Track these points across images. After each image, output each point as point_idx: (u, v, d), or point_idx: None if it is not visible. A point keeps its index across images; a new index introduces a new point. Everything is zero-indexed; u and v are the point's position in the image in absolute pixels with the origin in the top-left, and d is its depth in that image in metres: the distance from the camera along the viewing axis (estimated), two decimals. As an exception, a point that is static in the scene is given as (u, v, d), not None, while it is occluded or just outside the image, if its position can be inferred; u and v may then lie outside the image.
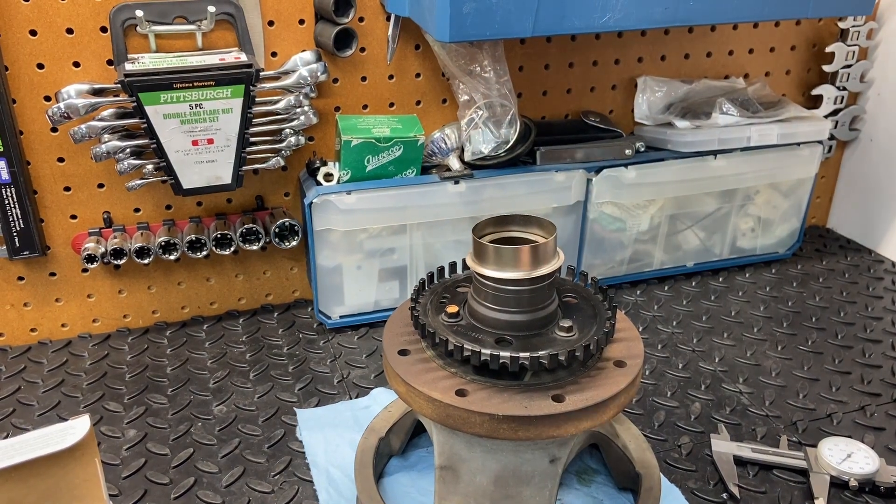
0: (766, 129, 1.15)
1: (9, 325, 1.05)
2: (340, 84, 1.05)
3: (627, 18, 0.87)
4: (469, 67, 1.02)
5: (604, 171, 1.10)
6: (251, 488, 0.79)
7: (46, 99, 0.94)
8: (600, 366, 0.65)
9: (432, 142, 1.06)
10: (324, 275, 1.05)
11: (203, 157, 0.94)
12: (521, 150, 1.05)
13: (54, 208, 1.00)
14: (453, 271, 0.76)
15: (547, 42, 1.12)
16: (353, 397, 0.94)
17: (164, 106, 0.89)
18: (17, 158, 0.94)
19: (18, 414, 0.92)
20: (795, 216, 1.27)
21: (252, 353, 1.04)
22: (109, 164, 0.99)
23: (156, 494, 0.79)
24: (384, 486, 0.79)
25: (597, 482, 0.80)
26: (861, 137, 1.34)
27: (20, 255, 0.99)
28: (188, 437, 0.87)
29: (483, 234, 0.67)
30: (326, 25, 0.99)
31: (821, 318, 1.12)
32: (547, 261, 0.64)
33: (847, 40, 1.24)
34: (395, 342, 0.69)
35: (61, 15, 0.91)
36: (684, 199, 1.17)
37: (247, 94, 0.91)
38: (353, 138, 0.98)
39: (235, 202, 1.08)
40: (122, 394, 0.95)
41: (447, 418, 0.62)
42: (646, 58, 1.18)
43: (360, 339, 1.07)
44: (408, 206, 1.02)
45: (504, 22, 0.83)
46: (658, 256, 1.22)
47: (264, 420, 0.90)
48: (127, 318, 1.10)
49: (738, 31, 1.21)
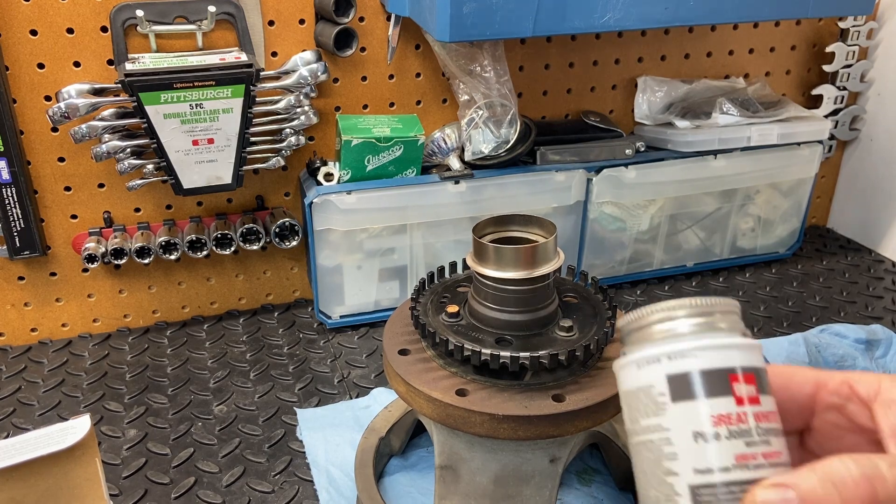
0: (766, 129, 1.15)
1: (9, 325, 1.05)
2: (340, 84, 1.05)
3: (628, 18, 0.87)
4: (469, 67, 1.02)
5: (604, 170, 1.10)
6: (251, 488, 0.79)
7: (47, 99, 0.95)
8: (600, 366, 0.65)
9: (432, 141, 1.06)
10: (324, 275, 1.05)
11: (203, 157, 0.94)
12: (522, 149, 1.05)
13: (55, 208, 1.00)
14: (453, 271, 0.76)
15: (547, 42, 1.12)
16: (353, 397, 0.94)
17: (165, 106, 0.89)
18: (17, 158, 0.94)
19: (19, 414, 0.92)
20: (795, 216, 1.27)
21: (252, 353, 1.04)
22: (110, 164, 0.99)
23: (156, 494, 0.79)
24: (384, 485, 0.79)
25: (597, 482, 0.80)
26: (861, 137, 1.34)
27: (21, 255, 0.99)
28: (188, 437, 0.87)
29: (483, 233, 0.67)
30: (327, 25, 0.99)
31: (821, 318, 1.12)
32: (547, 261, 0.64)
33: (847, 40, 1.24)
34: (395, 342, 0.69)
35: (62, 15, 0.91)
36: (684, 198, 1.17)
37: (247, 94, 0.91)
38: (353, 138, 0.98)
39: (236, 202, 1.08)
40: (122, 393, 0.95)
41: (447, 418, 0.62)
42: (646, 58, 1.18)
43: (361, 338, 1.07)
44: (408, 206, 1.02)
45: (504, 22, 0.83)
46: (658, 256, 1.22)
47: (264, 420, 0.90)
48: (127, 318, 1.10)
49: (739, 30, 1.21)
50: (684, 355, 0.38)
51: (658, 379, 0.39)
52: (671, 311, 0.40)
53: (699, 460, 0.37)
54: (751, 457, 0.36)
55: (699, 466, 0.37)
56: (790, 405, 0.41)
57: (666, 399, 0.38)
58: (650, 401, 0.39)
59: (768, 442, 0.37)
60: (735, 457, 0.36)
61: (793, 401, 0.42)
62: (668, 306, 0.40)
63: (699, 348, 0.38)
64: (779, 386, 0.41)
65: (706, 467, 0.37)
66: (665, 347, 0.39)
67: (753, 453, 0.36)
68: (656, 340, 0.40)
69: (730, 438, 0.37)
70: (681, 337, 0.39)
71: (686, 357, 0.38)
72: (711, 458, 0.37)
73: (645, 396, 0.39)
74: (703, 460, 0.37)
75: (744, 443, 0.37)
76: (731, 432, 0.37)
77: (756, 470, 0.36)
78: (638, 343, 0.41)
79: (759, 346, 0.40)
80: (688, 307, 0.40)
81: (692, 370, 0.38)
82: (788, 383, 0.42)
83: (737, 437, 0.37)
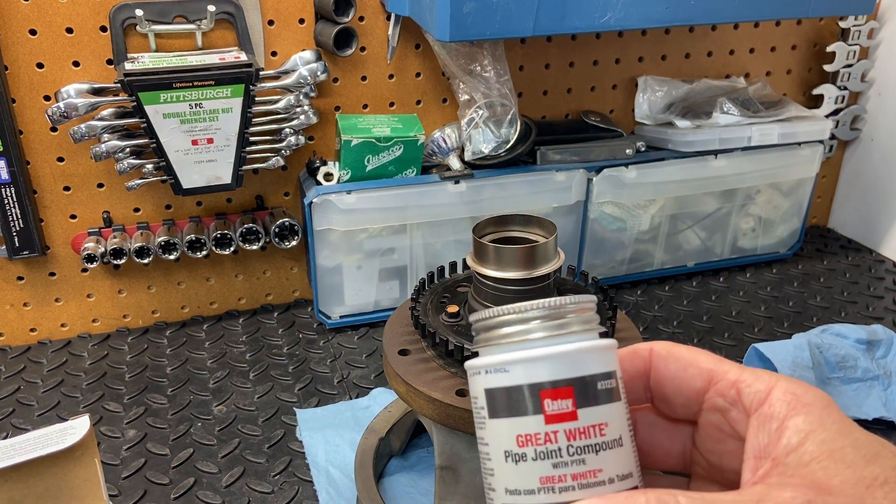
0: (766, 129, 1.14)
1: (8, 325, 1.05)
2: (340, 83, 1.05)
3: (628, 18, 0.87)
4: (469, 67, 1.02)
5: (604, 170, 1.10)
6: (251, 488, 0.79)
7: (46, 98, 0.94)
8: (601, 366, 0.65)
9: (432, 141, 1.06)
10: (324, 275, 1.05)
11: (203, 157, 0.94)
12: (522, 149, 1.05)
13: (54, 208, 1.00)
14: (453, 271, 0.75)
15: (547, 41, 1.12)
16: (353, 397, 0.94)
17: (164, 105, 0.89)
18: (16, 158, 0.94)
19: (18, 414, 0.92)
20: (796, 216, 1.27)
21: (252, 353, 1.04)
22: (109, 164, 0.99)
23: (156, 494, 0.79)
24: (384, 486, 0.79)
25: (597, 482, 0.80)
26: (862, 137, 1.34)
27: (20, 255, 0.99)
28: (188, 438, 0.87)
29: (483, 233, 0.67)
30: (326, 25, 0.98)
31: (822, 318, 1.12)
32: (547, 260, 0.64)
33: (848, 40, 1.24)
34: (395, 342, 0.69)
35: (61, 14, 0.91)
36: (685, 198, 1.17)
37: (247, 94, 0.91)
38: (353, 138, 0.98)
39: (235, 202, 1.08)
40: (121, 394, 0.95)
41: (447, 418, 0.61)
42: (646, 57, 1.18)
43: (360, 339, 1.07)
44: (408, 206, 1.02)
45: (504, 21, 0.83)
46: (658, 256, 1.21)
47: (264, 420, 0.90)
48: (127, 318, 1.10)
49: (739, 30, 1.21)
50: (499, 370, 0.36)
51: (478, 392, 0.37)
52: (500, 315, 0.37)
53: (509, 481, 0.35)
54: (557, 479, 0.34)
55: (509, 487, 0.35)
56: (677, 398, 0.38)
57: (485, 413, 0.37)
58: (476, 412, 0.37)
59: (582, 461, 0.35)
60: (539, 479, 0.35)
61: (680, 394, 0.38)
62: (498, 311, 0.37)
63: (511, 362, 0.36)
64: (670, 376, 0.38)
65: (514, 488, 0.35)
66: (485, 359, 0.37)
67: (561, 475, 0.34)
68: (483, 348, 0.38)
69: (536, 460, 0.35)
70: (500, 347, 0.37)
71: (500, 372, 0.36)
72: (518, 480, 0.35)
73: (476, 406, 0.38)
74: (511, 481, 0.35)
75: (551, 464, 0.34)
76: (538, 453, 0.35)
77: (562, 493, 0.34)
78: (476, 347, 0.39)
79: (605, 346, 0.37)
80: (516, 311, 0.37)
81: (502, 386, 0.36)
82: (681, 374, 0.38)
83: (543, 459, 0.35)
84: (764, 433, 0.33)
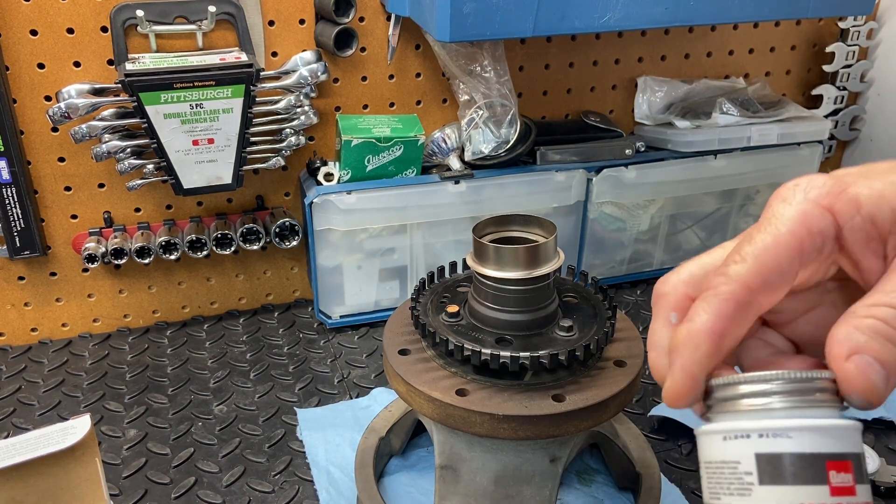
0: (766, 129, 1.15)
1: (9, 325, 1.05)
2: (341, 84, 1.05)
3: (628, 18, 0.87)
4: (469, 67, 1.02)
5: (604, 170, 1.10)
6: (251, 488, 0.79)
7: (47, 99, 0.95)
8: (600, 365, 0.65)
9: (432, 141, 1.07)
10: (324, 275, 1.05)
11: (203, 157, 0.94)
12: (522, 149, 1.05)
13: (55, 208, 1.00)
14: (453, 271, 0.76)
15: (547, 42, 1.12)
16: (353, 397, 0.94)
17: (165, 106, 0.89)
18: (17, 158, 0.94)
19: (19, 414, 0.92)
20: (796, 216, 1.27)
21: (252, 353, 1.04)
22: (110, 164, 0.99)
23: (156, 494, 0.79)
24: (384, 485, 0.79)
25: (597, 482, 0.80)
26: (861, 137, 1.34)
27: (21, 255, 0.99)
28: (188, 437, 0.87)
29: (483, 233, 0.67)
30: (327, 25, 0.99)
31: (821, 318, 1.12)
32: (547, 260, 0.64)
33: (847, 40, 1.24)
34: (395, 342, 0.69)
35: (62, 15, 0.91)
36: (684, 198, 1.17)
37: (247, 94, 0.91)
38: (353, 138, 0.98)
39: (236, 202, 1.08)
40: (122, 393, 0.95)
41: (447, 418, 0.62)
42: (646, 58, 1.19)
43: (361, 338, 1.07)
44: (408, 206, 1.02)
45: (504, 22, 0.83)
46: (658, 256, 1.22)
47: (264, 420, 0.90)
48: (127, 318, 1.10)
49: (739, 30, 1.21)
50: (778, 434, 0.35)
51: (746, 456, 0.35)
52: (766, 382, 0.36)
53: None
54: None
55: None
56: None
57: (753, 479, 0.35)
58: (735, 478, 0.36)
59: None
60: None
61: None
62: (763, 377, 0.37)
63: (795, 428, 0.35)
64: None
65: None
66: (757, 423, 0.36)
67: None
68: (747, 412, 0.37)
69: None
70: (775, 412, 0.36)
71: (780, 437, 0.35)
72: None
73: (730, 472, 0.36)
74: None
75: None
76: None
77: None
78: (725, 411, 0.38)
79: (859, 427, 0.36)
80: (785, 379, 0.36)
81: (785, 452, 0.35)
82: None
83: None
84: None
